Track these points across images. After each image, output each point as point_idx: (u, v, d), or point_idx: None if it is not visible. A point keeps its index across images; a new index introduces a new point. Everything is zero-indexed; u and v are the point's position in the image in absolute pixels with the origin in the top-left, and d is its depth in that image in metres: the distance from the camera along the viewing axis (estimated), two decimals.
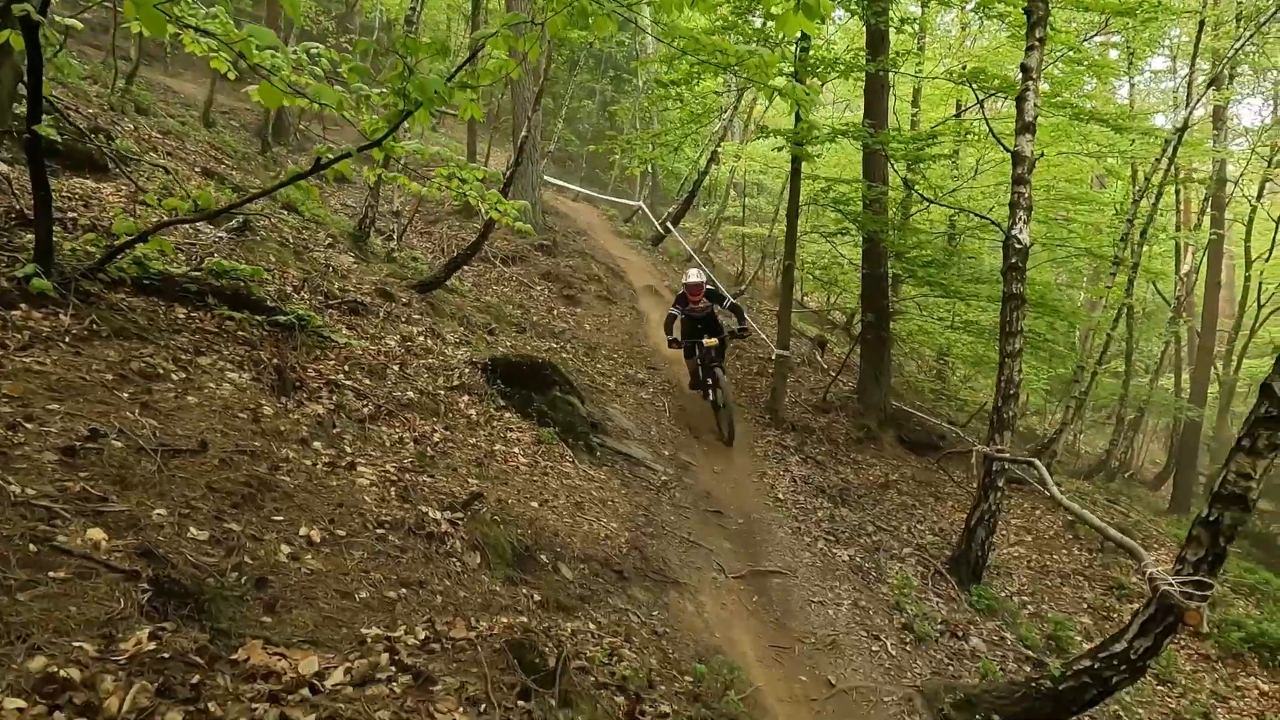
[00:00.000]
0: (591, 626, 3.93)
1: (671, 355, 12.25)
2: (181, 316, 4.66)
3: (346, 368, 5.44)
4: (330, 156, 4.29)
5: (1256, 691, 7.49)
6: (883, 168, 10.51)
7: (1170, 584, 4.01)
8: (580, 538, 5.02)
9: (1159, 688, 7.09)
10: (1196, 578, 4.01)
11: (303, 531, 3.24)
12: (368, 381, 5.45)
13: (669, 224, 17.22)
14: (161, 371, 3.95)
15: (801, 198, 10.62)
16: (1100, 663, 4.28)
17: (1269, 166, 18.34)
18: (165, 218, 4.62)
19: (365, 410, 5.00)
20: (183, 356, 4.23)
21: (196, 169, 8.76)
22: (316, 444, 4.18)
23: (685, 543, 6.02)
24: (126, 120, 8.93)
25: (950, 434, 11.12)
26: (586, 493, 5.87)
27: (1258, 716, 7.02)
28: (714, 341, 8.68)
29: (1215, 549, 4.02)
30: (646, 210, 19.04)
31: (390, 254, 9.70)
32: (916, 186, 11.33)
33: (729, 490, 7.83)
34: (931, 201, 10.78)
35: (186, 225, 6.09)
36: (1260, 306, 18.25)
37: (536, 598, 3.91)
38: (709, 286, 8.88)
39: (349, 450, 4.36)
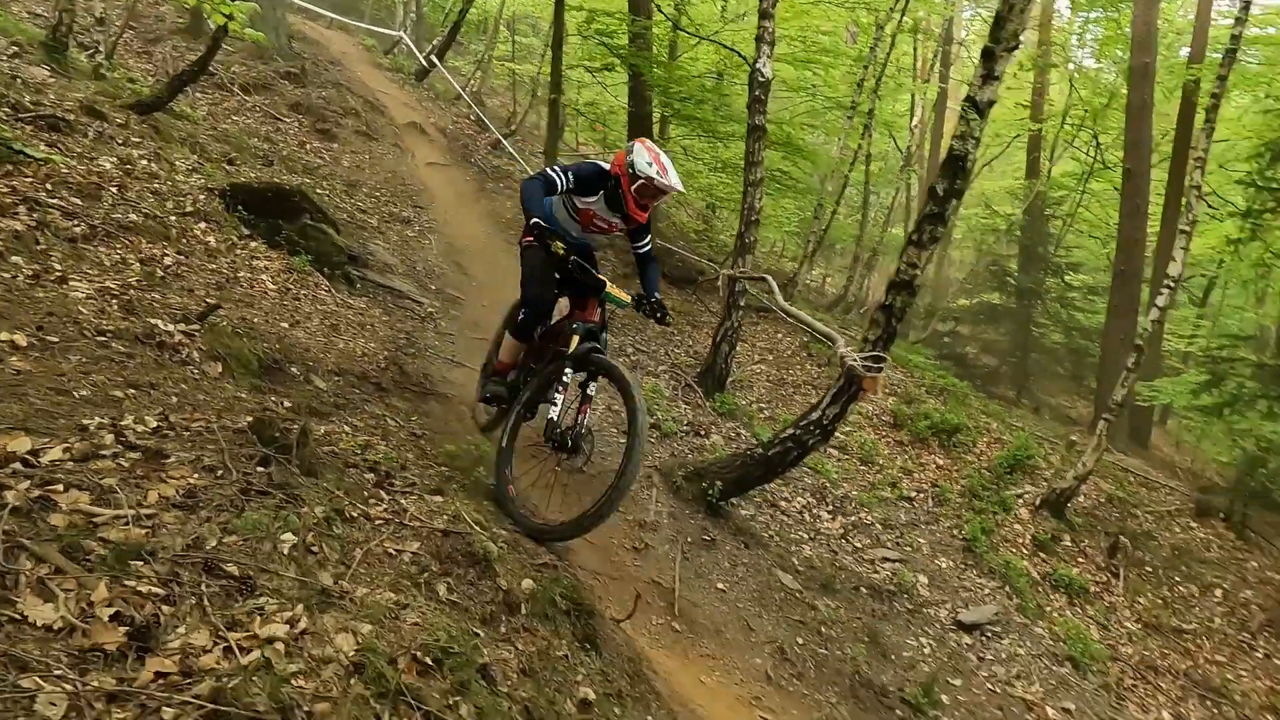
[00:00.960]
0: (346, 428, 4.05)
1: (446, 197, 11.63)
2: None
3: (50, 186, 4.84)
4: None
5: (934, 465, 9.27)
6: (647, 3, 10.54)
7: (855, 359, 4.83)
8: (336, 355, 5.04)
9: (861, 467, 8.56)
10: (875, 353, 4.86)
11: (4, 336, 3.03)
12: (78, 201, 4.90)
13: (434, 57, 16.15)
14: None
15: (568, 31, 10.46)
16: (801, 430, 5.13)
17: None
18: None
19: (77, 230, 4.54)
20: None
21: None
22: (16, 259, 3.80)
23: (449, 364, 6.20)
24: None
25: (709, 269, 11.99)
26: (343, 317, 5.82)
27: (933, 483, 8.74)
28: (561, 248, 4.01)
29: (889, 329, 4.87)
30: (410, 42, 17.70)
31: (98, 71, 8.40)
32: (681, 24, 11.51)
33: (498, 321, 8.03)
34: (697, 37, 11.05)
35: None
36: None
37: (287, 404, 3.95)
38: None
39: (58, 267, 4.00)
